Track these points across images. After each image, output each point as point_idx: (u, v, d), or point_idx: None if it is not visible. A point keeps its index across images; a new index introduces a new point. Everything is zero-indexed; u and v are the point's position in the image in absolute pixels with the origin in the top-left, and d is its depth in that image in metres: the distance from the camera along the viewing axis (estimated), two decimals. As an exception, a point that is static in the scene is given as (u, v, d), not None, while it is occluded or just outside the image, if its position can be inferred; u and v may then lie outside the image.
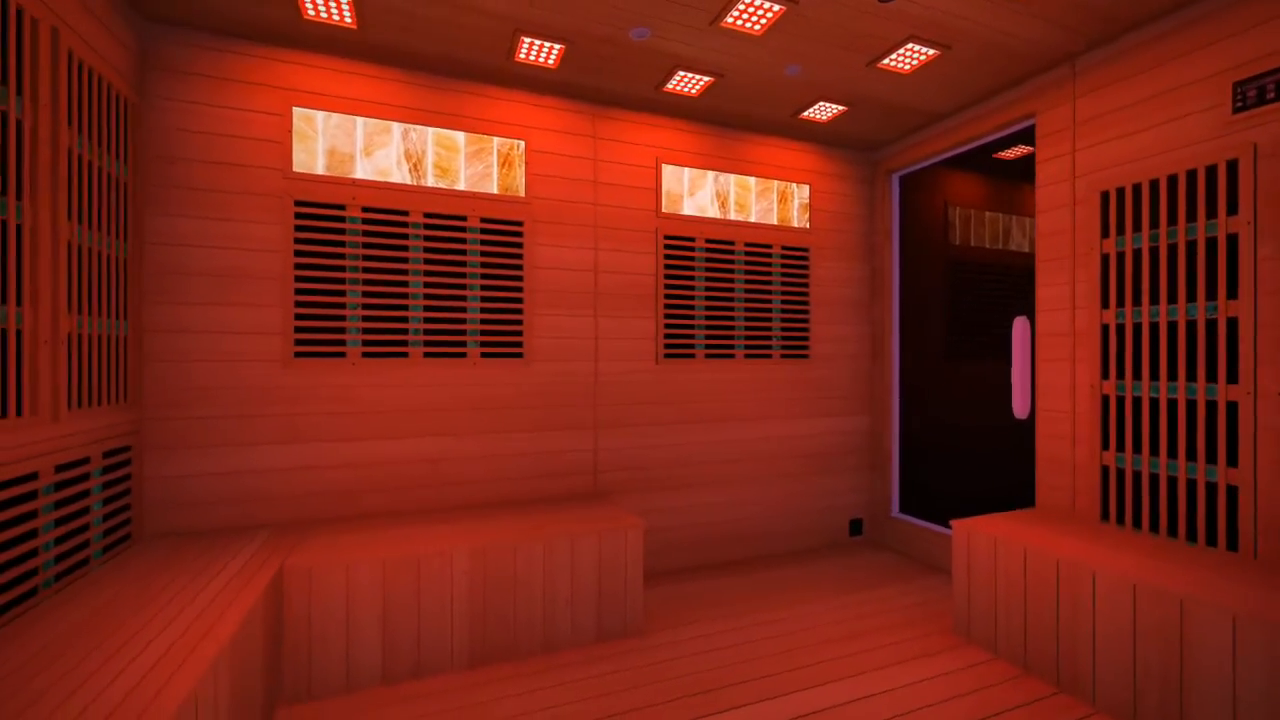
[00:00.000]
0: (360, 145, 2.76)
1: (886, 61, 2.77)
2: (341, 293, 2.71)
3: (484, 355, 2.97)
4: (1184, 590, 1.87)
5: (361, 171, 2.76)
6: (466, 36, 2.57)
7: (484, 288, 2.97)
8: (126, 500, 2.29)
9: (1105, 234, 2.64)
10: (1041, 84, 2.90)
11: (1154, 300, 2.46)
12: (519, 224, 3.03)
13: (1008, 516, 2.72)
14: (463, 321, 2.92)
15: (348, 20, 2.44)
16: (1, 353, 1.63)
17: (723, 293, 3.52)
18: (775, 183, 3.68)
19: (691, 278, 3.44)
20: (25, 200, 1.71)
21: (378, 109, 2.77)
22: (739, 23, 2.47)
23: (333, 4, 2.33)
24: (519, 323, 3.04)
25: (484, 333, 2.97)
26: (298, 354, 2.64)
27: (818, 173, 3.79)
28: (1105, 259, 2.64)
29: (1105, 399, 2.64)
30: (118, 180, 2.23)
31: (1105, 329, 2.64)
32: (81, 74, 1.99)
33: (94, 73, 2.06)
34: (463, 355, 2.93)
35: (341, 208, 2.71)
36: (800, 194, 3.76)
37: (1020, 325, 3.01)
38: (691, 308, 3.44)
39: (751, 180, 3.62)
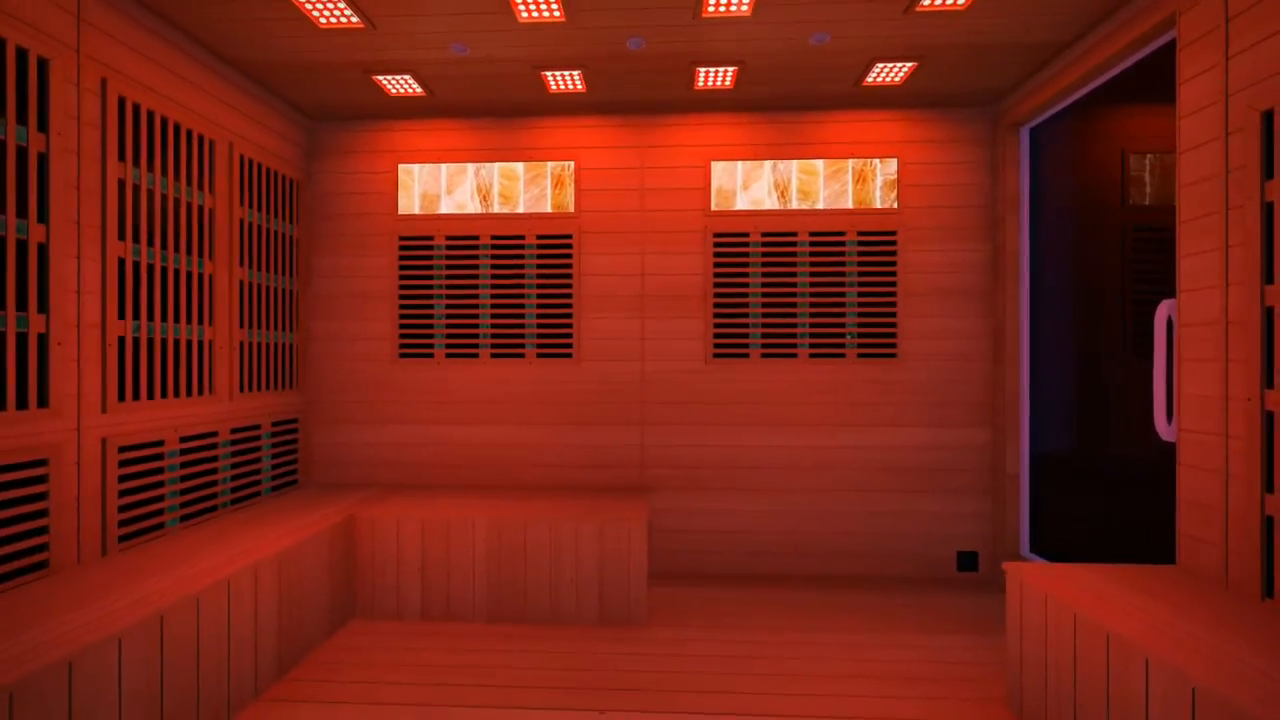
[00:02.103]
0: (444, 186, 3.42)
1: (927, 1, 2.32)
2: (430, 306, 3.40)
3: (539, 355, 3.37)
4: (1253, 706, 1.24)
5: (445, 207, 3.41)
6: (504, 83, 2.99)
7: (539, 295, 3.37)
8: (293, 456, 3.30)
9: (1269, 174, 1.79)
10: (1181, -26, 2.07)
11: (1342, 268, 1.59)
12: (569, 237, 3.36)
13: (1090, 569, 2.04)
14: (521, 325, 3.37)
15: (419, 91, 3.08)
16: (189, 356, 2.60)
17: (782, 288, 3.30)
18: (849, 162, 3.29)
19: (745, 274, 3.32)
20: (207, 257, 2.68)
21: (454, 154, 3.39)
22: (721, 8, 2.38)
23: (403, 81, 2.98)
24: (569, 326, 3.36)
25: (539, 335, 3.37)
26: (400, 355, 3.41)
27: (908, 142, 3.26)
28: (1269, 210, 1.79)
29: (1269, 417, 1.78)
30: (288, 236, 3.24)
31: (1269, 314, 1.79)
32: (253, 169, 2.97)
33: (264, 166, 3.04)
34: (521, 355, 3.38)
35: (430, 238, 3.40)
36: (885, 170, 3.28)
37: (1166, 311, 2.19)
38: (745, 305, 3.31)
39: (819, 164, 3.30)
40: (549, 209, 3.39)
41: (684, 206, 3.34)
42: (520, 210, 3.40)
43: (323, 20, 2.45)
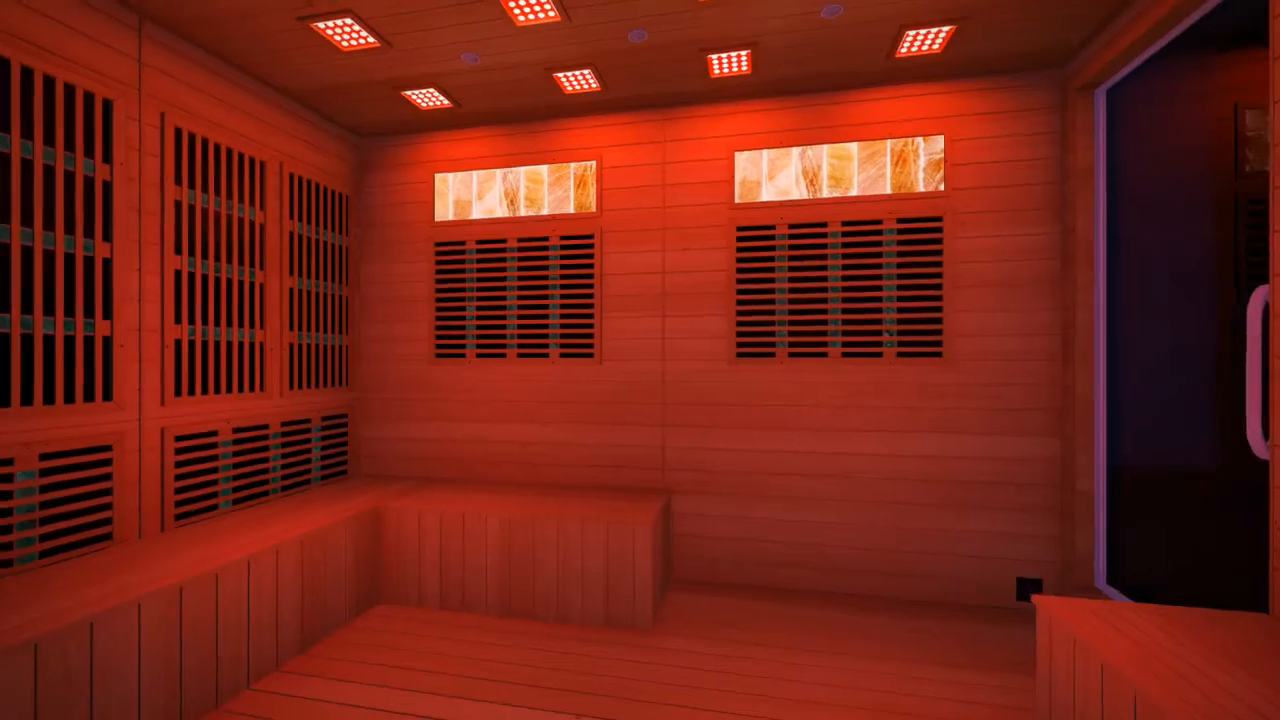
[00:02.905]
0: (475, 192, 3.54)
1: None
2: (462, 307, 3.54)
3: (562, 355, 3.40)
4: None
5: (476, 213, 3.54)
6: (522, 87, 3.05)
7: (562, 295, 3.40)
8: (343, 448, 3.57)
9: (1386, 120, 1.38)
10: (1273, -120, 1.66)
11: None
12: (591, 237, 3.36)
13: (1143, 610, 1.70)
14: (546, 326, 3.42)
15: (446, 103, 3.22)
16: (241, 357, 2.89)
17: (812, 282, 3.08)
18: (888, 143, 3.00)
19: (771, 269, 3.13)
20: (258, 267, 2.97)
21: (483, 161, 3.51)
22: (716, -9, 2.26)
23: (429, 94, 3.13)
24: (591, 325, 3.36)
25: (563, 335, 3.40)
26: (436, 355, 3.58)
27: (957, 116, 2.91)
28: (1385, 167, 1.39)
29: (1386, 434, 1.38)
30: (339, 246, 3.52)
31: (1386, 301, 1.39)
32: (302, 186, 3.25)
33: (313, 183, 3.33)
34: (545, 355, 3.42)
35: (462, 243, 3.54)
36: (930, 149, 2.96)
37: (1262, 298, 1.78)
38: (771, 302, 3.13)
39: (853, 147, 3.04)
40: (572, 209, 3.41)
41: (706, 200, 3.22)
42: (545, 212, 3.45)
43: (344, 44, 2.63)
